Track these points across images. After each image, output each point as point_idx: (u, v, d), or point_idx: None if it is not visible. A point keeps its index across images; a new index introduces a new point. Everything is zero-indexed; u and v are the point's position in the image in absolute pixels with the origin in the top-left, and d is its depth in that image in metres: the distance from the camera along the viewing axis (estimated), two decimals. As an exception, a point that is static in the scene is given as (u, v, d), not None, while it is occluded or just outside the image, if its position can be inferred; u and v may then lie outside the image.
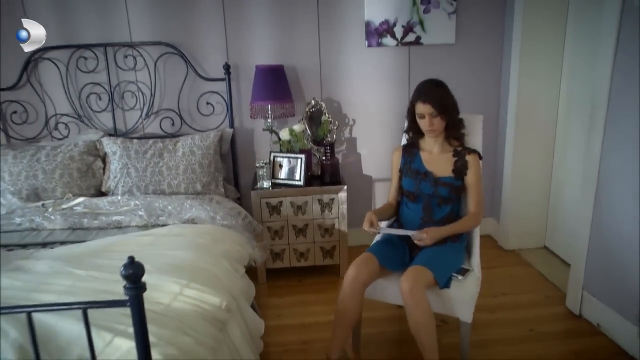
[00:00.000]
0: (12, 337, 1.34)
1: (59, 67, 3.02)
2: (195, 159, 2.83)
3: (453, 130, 2.15)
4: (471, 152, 2.17)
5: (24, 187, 2.72)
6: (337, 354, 2.05)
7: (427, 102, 2.06)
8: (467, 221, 2.14)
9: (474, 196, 2.15)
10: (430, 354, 1.89)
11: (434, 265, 1.96)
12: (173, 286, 1.67)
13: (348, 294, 2.00)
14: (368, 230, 2.09)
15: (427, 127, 2.10)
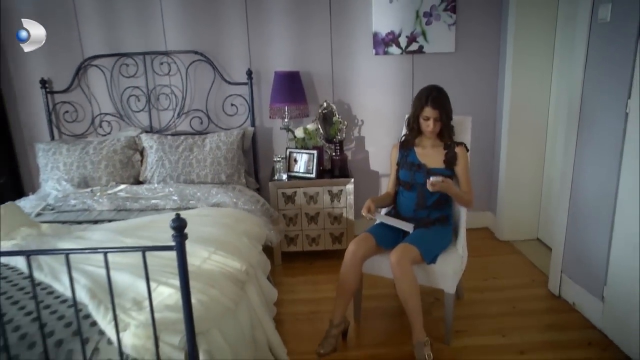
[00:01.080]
0: (82, 283, 1.75)
1: (104, 72, 3.46)
2: (220, 153, 3.23)
3: (445, 130, 2.49)
4: (459, 145, 2.51)
5: (76, 175, 3.16)
6: (339, 318, 2.41)
7: (436, 108, 2.39)
8: (465, 195, 2.47)
9: (464, 181, 2.49)
10: (416, 316, 2.24)
11: (420, 243, 2.31)
12: (203, 252, 2.07)
13: (348, 266, 2.36)
14: (365, 215, 2.44)
15: (430, 128, 2.44)
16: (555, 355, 2.33)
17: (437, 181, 2.31)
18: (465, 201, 2.48)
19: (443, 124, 2.43)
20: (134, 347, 1.51)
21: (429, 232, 2.42)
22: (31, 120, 3.55)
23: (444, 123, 2.43)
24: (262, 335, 2.15)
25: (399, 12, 3.42)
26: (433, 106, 2.38)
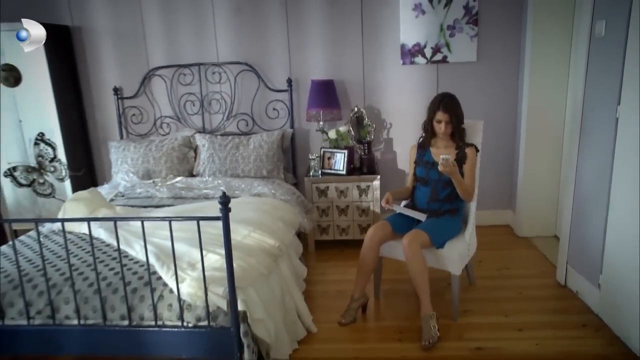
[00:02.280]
0: (150, 249, 2.23)
1: (165, 81, 4.02)
2: (262, 152, 3.69)
3: (457, 133, 2.82)
4: (470, 146, 2.84)
5: (140, 169, 3.72)
6: (358, 293, 2.80)
7: (447, 112, 2.74)
8: (467, 187, 2.78)
9: (469, 177, 2.80)
10: (423, 292, 2.59)
11: (430, 230, 2.66)
12: (244, 230, 2.52)
13: (367, 248, 2.75)
14: (384, 205, 2.81)
15: (442, 130, 2.79)
16: (550, 333, 2.61)
17: (447, 159, 2.58)
18: (465, 191, 2.78)
19: (453, 126, 2.77)
20: (189, 295, 1.98)
21: (439, 221, 2.77)
22: (105, 122, 4.16)
23: (455, 126, 2.77)
24: (291, 301, 2.57)
25: (425, 25, 3.77)
26: (444, 110, 2.74)
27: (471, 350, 2.50)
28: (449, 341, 2.57)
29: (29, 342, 2.10)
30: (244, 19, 3.87)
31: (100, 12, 3.93)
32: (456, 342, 2.57)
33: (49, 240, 2.60)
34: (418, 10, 3.74)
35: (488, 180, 4.05)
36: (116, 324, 2.04)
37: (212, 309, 1.98)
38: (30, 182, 3.99)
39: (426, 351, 2.49)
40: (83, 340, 2.08)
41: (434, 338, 2.52)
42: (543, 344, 2.51)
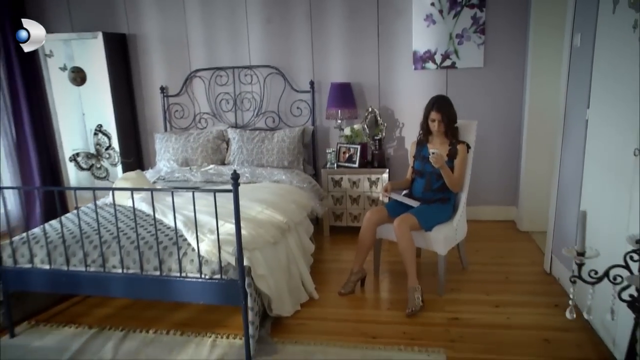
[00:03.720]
0: (179, 218, 2.76)
1: (204, 81, 4.59)
2: (285, 145, 4.18)
3: (450, 132, 3.20)
4: (461, 143, 3.20)
5: (180, 157, 4.30)
6: (357, 268, 3.22)
7: (439, 112, 3.13)
8: (454, 179, 3.13)
9: (457, 170, 3.16)
10: (410, 267, 2.99)
11: (418, 214, 3.06)
12: (258, 207, 3.01)
13: (365, 228, 3.17)
14: (383, 194, 3.22)
15: (436, 128, 3.17)
16: (523, 310, 2.94)
17: (436, 154, 2.97)
18: (452, 183, 3.13)
19: (445, 125, 3.14)
20: (206, 252, 2.48)
21: (429, 208, 3.15)
22: (152, 116, 4.78)
23: (447, 124, 3.14)
24: (296, 270, 3.04)
25: (435, 34, 4.14)
26: (437, 110, 3.12)
27: (448, 319, 2.88)
28: (431, 311, 2.96)
29: (86, 284, 2.68)
30: (273, 28, 4.38)
31: (151, 22, 4.55)
32: (437, 312, 2.95)
33: (102, 210, 3.19)
34: (429, 20, 4.12)
35: (493, 178, 4.39)
36: (150, 274, 2.58)
37: (224, 264, 2.48)
38: (89, 166, 4.68)
39: (409, 317, 2.89)
40: (125, 285, 2.64)
41: (417, 307, 2.92)
42: (513, 317, 2.85)
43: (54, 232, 2.82)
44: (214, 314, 2.97)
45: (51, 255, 2.71)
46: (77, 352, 2.63)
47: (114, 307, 3.14)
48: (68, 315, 3.05)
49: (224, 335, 2.75)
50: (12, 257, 2.75)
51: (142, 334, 2.79)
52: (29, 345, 2.72)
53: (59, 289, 2.80)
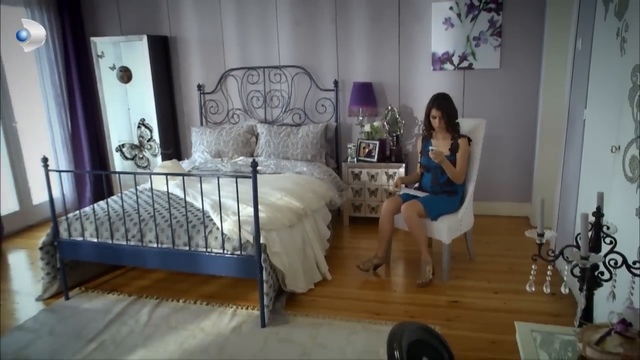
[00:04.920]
0: (207, 202, 3.13)
1: (237, 80, 4.97)
2: (308, 140, 4.50)
3: (451, 127, 3.41)
4: (462, 137, 3.40)
5: (213, 149, 4.70)
6: (380, 253, 3.50)
7: (439, 109, 3.38)
8: (456, 172, 3.34)
9: (459, 163, 3.36)
10: (421, 244, 3.30)
11: (424, 202, 3.30)
12: (278, 194, 3.35)
13: (383, 217, 3.45)
14: (393, 189, 3.46)
15: (437, 125, 3.42)
16: (520, 297, 3.14)
17: (434, 149, 3.23)
18: (454, 175, 3.35)
19: (446, 121, 3.36)
20: (228, 231, 2.84)
21: (435, 198, 3.39)
22: (189, 111, 5.21)
23: (447, 120, 3.36)
24: (311, 252, 3.36)
25: (453, 36, 4.35)
26: (437, 108, 3.35)
27: (449, 302, 3.13)
28: (433, 294, 3.21)
29: (126, 256, 3.10)
30: (301, 30, 4.71)
31: (190, 25, 4.97)
32: (439, 296, 3.20)
33: (142, 194, 3.61)
34: (448, 24, 4.34)
35: (508, 175, 4.56)
36: (180, 248, 2.96)
37: (243, 241, 2.82)
38: (133, 156, 5.16)
39: (415, 293, 3.20)
40: (159, 258, 3.03)
41: (426, 279, 3.25)
42: (509, 303, 3.07)
43: (101, 211, 3.26)
44: (236, 289, 3.33)
45: (99, 230, 3.14)
46: (118, 314, 3.04)
47: (150, 279, 3.56)
48: (112, 285, 3.48)
49: (244, 306, 3.10)
50: (67, 231, 3.20)
51: (173, 302, 3.18)
52: (79, 306, 3.17)
53: (104, 259, 3.23)
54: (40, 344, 2.77)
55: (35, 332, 2.90)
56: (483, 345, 2.66)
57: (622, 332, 1.20)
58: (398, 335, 0.99)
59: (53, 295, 3.32)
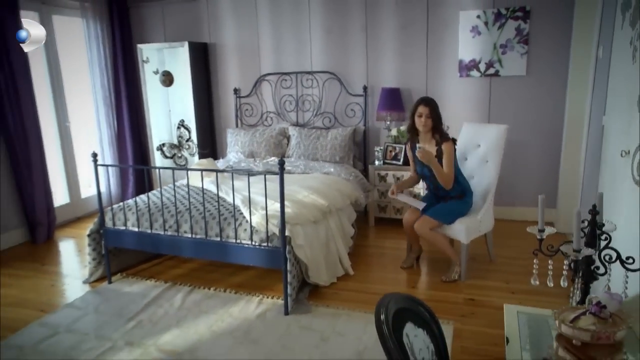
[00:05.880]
0: (238, 197, 3.37)
1: (271, 84, 5.22)
2: (337, 142, 4.70)
3: (436, 131, 3.39)
4: (447, 141, 3.34)
5: (246, 150, 4.96)
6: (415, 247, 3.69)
7: (427, 106, 3.34)
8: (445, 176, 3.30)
9: (445, 167, 3.32)
10: (446, 251, 3.45)
11: (436, 215, 3.39)
12: (305, 192, 3.56)
13: (405, 227, 3.60)
14: (390, 195, 3.51)
15: (423, 123, 3.36)
16: (536, 297, 3.22)
17: (421, 148, 3.24)
18: (442, 178, 3.30)
19: (432, 121, 3.33)
20: (256, 223, 3.07)
21: (445, 205, 3.45)
22: (226, 114, 5.51)
23: (433, 120, 3.33)
24: (334, 247, 3.55)
25: (480, 44, 4.46)
26: (424, 104, 3.34)
27: (465, 299, 3.24)
28: (450, 292, 3.34)
29: (164, 245, 3.38)
30: (333, 38, 4.92)
31: (228, 32, 5.27)
32: (456, 293, 3.32)
33: (179, 189, 3.89)
34: (475, 32, 4.45)
35: (533, 181, 4.61)
36: (212, 239, 3.21)
37: (270, 234, 3.04)
38: (172, 155, 5.49)
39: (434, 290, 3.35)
40: (193, 247, 3.29)
41: (449, 279, 3.43)
42: (524, 302, 3.14)
43: (142, 203, 3.55)
44: (264, 280, 3.55)
45: (139, 221, 3.43)
46: (154, 298, 3.32)
47: (185, 268, 3.83)
48: (150, 272, 3.77)
49: (270, 296, 3.31)
50: (112, 220, 3.50)
51: (204, 290, 3.43)
52: (121, 290, 3.47)
53: (143, 246, 3.52)
54: (87, 320, 3.07)
55: (83, 309, 3.21)
56: (496, 340, 2.76)
57: (596, 313, 1.32)
58: (385, 303, 1.16)
59: (98, 279, 3.64)
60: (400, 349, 1.04)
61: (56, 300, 3.41)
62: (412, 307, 1.25)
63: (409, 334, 1.14)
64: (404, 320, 1.16)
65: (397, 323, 1.12)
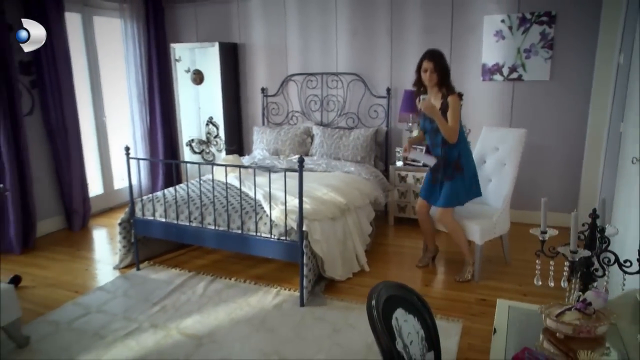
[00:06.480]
0: (260, 192, 3.53)
1: (297, 84, 5.37)
2: (359, 142, 4.81)
3: (443, 85, 3.28)
4: (452, 95, 3.25)
5: (271, 148, 5.12)
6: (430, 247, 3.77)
7: (431, 60, 3.24)
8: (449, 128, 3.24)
9: (450, 119, 3.24)
10: (462, 246, 3.51)
11: (448, 203, 3.41)
12: (324, 190, 3.69)
13: (420, 219, 3.69)
14: (403, 154, 3.56)
15: (428, 78, 3.26)
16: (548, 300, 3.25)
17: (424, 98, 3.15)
18: (446, 131, 3.24)
19: (438, 75, 3.23)
20: (276, 218, 3.22)
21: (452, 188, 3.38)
22: (253, 112, 5.69)
23: (439, 75, 3.23)
24: (351, 244, 3.66)
25: (504, 48, 4.49)
26: (429, 59, 3.24)
27: (476, 299, 3.31)
28: (463, 292, 3.41)
29: (188, 235, 3.58)
30: (358, 40, 5.03)
31: (257, 33, 5.45)
32: (468, 293, 3.39)
33: (205, 183, 4.08)
34: (499, 36, 4.48)
35: (555, 187, 4.61)
36: (234, 232, 3.38)
37: (288, 228, 3.19)
38: (200, 151, 5.71)
39: (447, 289, 3.44)
40: (215, 238, 3.47)
41: (462, 278, 3.51)
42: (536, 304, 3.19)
43: (170, 195, 3.75)
44: (283, 273, 3.70)
45: (167, 212, 3.63)
46: (178, 285, 3.51)
47: (208, 259, 4.02)
48: (175, 261, 3.98)
49: (287, 288, 3.46)
50: (141, 210, 3.72)
51: (225, 280, 3.61)
52: (148, 276, 3.68)
53: (169, 236, 3.72)
54: (116, 302, 3.29)
55: (112, 293, 3.43)
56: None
57: (581, 309, 1.40)
58: (377, 289, 1.27)
59: (127, 266, 3.87)
60: (387, 331, 1.16)
61: (89, 283, 3.66)
62: (404, 294, 1.36)
63: (398, 317, 1.25)
64: (395, 306, 1.27)
65: (387, 308, 1.23)
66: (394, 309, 1.26)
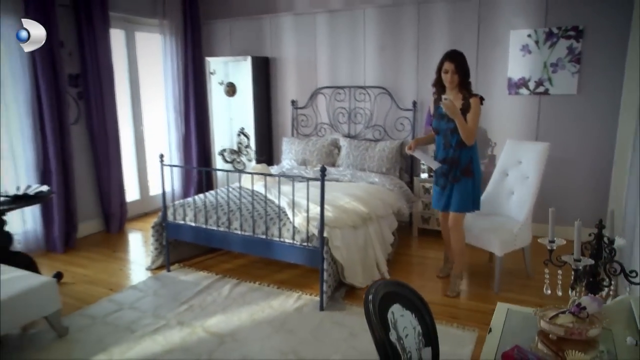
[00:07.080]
0: (285, 200, 3.67)
1: (326, 97, 5.53)
2: (384, 154, 4.91)
3: (463, 86, 3.26)
4: (473, 97, 3.23)
5: (299, 158, 5.29)
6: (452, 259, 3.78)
7: (452, 61, 3.20)
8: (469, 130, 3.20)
9: (470, 121, 3.21)
10: (458, 258, 3.54)
11: (460, 208, 3.41)
12: (347, 199, 3.81)
13: (443, 228, 3.74)
14: (407, 151, 3.52)
15: (449, 80, 3.24)
16: (569, 314, 3.26)
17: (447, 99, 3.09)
18: (465, 132, 3.20)
19: (459, 77, 3.21)
20: (298, 224, 3.36)
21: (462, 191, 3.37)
22: (283, 123, 5.89)
23: (460, 76, 3.21)
24: (372, 252, 3.76)
25: (530, 62, 4.52)
26: (450, 60, 3.22)
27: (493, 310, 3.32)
28: (481, 302, 3.45)
29: (216, 239, 3.76)
30: (386, 55, 5.15)
31: (288, 47, 5.66)
32: (486, 304, 3.42)
33: (233, 190, 4.27)
34: (525, 50, 4.52)
35: (583, 201, 4.57)
36: (259, 237, 3.54)
37: (310, 234, 3.32)
38: (232, 160, 5.93)
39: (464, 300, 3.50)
40: (241, 243, 3.64)
41: (455, 292, 3.52)
42: (555, 318, 3.20)
43: (200, 201, 3.95)
44: (305, 279, 3.82)
45: (196, 216, 3.83)
46: (205, 287, 3.69)
47: (234, 264, 4.19)
48: (203, 265, 4.17)
49: (308, 293, 3.58)
50: (173, 215, 3.93)
51: (250, 283, 3.76)
52: (177, 277, 3.89)
53: (198, 240, 3.91)
54: (147, 300, 3.50)
55: (144, 291, 3.65)
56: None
57: (575, 312, 1.46)
58: (375, 285, 1.38)
59: (158, 267, 4.08)
60: (382, 324, 1.26)
61: (123, 282, 3.89)
62: (402, 292, 1.46)
63: (394, 312, 1.35)
64: (392, 302, 1.38)
65: (384, 302, 1.34)
66: (390, 304, 1.36)
